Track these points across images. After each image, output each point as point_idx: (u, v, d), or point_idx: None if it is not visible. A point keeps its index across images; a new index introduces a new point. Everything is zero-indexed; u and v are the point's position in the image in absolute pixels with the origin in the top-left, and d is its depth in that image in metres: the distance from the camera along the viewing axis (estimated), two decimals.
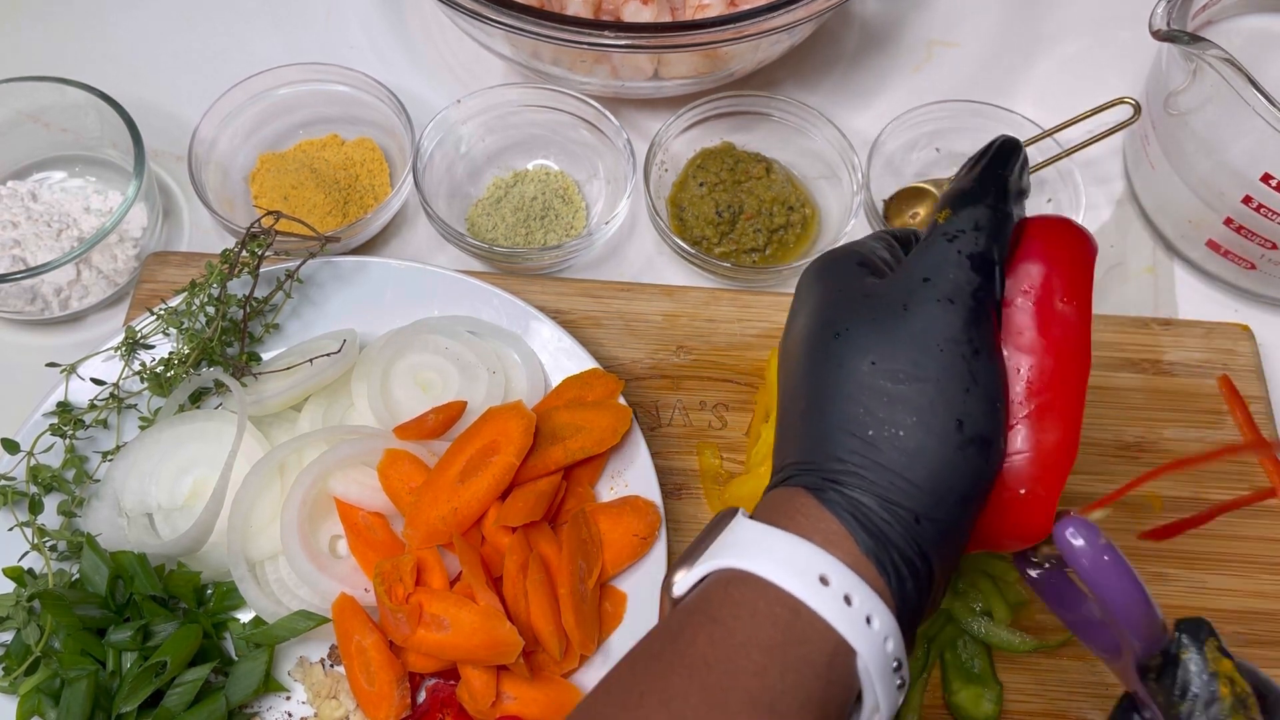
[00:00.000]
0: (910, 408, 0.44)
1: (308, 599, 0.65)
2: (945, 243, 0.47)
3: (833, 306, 0.48)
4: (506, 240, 0.81)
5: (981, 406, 0.44)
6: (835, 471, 0.44)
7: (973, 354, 0.45)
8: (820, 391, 0.46)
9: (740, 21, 0.74)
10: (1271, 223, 0.73)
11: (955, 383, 0.44)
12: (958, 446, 0.44)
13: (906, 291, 0.46)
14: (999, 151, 0.50)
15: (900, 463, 0.44)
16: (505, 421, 0.65)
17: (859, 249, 0.51)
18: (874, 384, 0.45)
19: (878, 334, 0.45)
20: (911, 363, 0.44)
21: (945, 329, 0.45)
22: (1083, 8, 0.97)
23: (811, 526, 0.44)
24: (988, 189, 0.48)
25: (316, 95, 0.85)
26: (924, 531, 0.44)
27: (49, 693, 0.61)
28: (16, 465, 0.67)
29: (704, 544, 0.45)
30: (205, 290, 0.71)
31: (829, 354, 0.46)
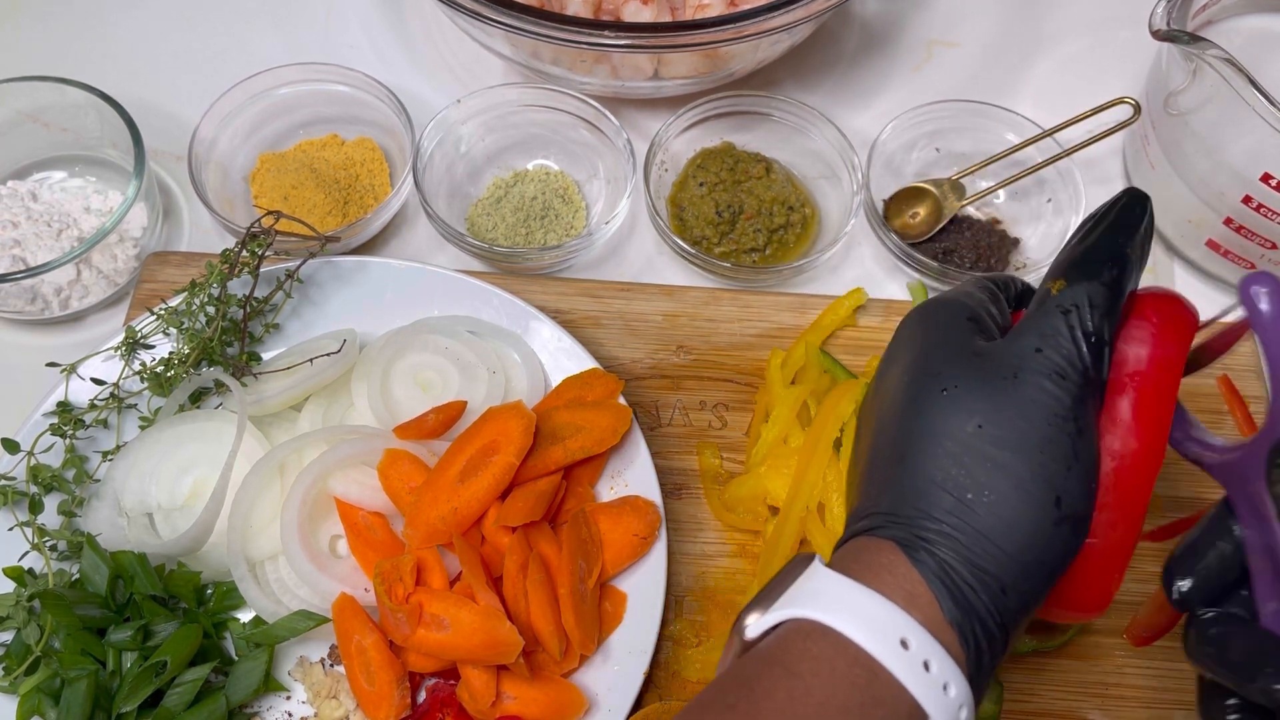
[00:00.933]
0: (1012, 476, 0.44)
1: (308, 599, 0.65)
2: (1060, 315, 0.46)
3: (941, 360, 0.47)
4: (506, 240, 0.81)
5: (1080, 486, 0.45)
6: (927, 529, 0.44)
7: (1077, 433, 0.45)
8: (920, 444, 0.46)
9: (740, 21, 0.74)
10: (1271, 222, 0.73)
11: (1059, 458, 0.44)
12: (1054, 522, 0.44)
13: (1018, 359, 0.46)
14: (1123, 215, 0.48)
15: (996, 530, 0.43)
16: (505, 421, 0.65)
17: (968, 302, 0.50)
18: (978, 446, 0.44)
19: (986, 397, 0.45)
20: (1018, 432, 0.44)
21: (1055, 404, 0.45)
22: (1083, 8, 0.97)
23: (896, 585, 0.43)
24: (1107, 262, 0.47)
25: (316, 95, 0.85)
26: (1008, 602, 0.44)
27: (49, 692, 0.61)
28: (17, 465, 0.67)
29: (779, 587, 0.45)
30: (205, 290, 0.71)
31: (933, 407, 0.46)
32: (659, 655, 0.66)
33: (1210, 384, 0.75)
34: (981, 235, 0.81)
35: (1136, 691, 0.66)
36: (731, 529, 0.70)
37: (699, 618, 0.67)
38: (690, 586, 0.68)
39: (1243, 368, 0.76)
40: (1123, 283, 0.47)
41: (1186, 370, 0.50)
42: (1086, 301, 0.46)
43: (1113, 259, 0.47)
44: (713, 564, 0.69)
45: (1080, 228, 0.50)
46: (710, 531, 0.70)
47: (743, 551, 0.69)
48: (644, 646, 0.63)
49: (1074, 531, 0.45)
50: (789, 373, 0.74)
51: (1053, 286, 0.47)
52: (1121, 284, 0.46)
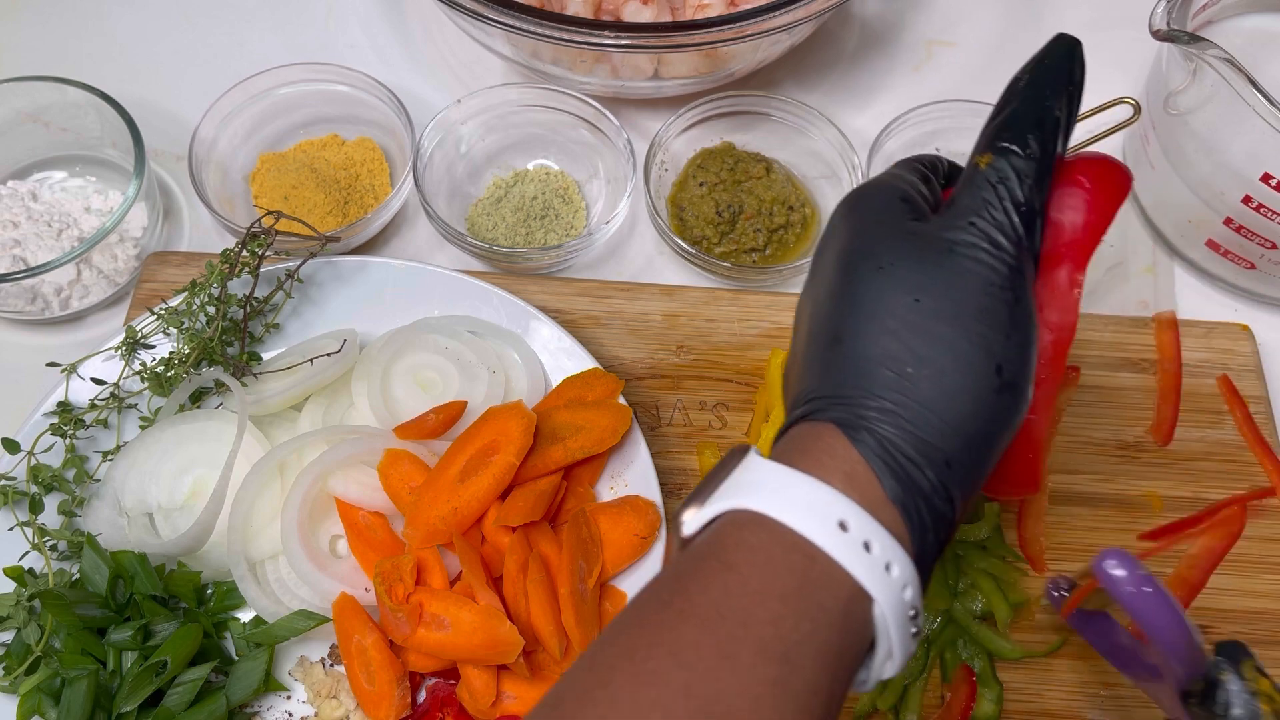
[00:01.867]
0: (951, 347, 0.43)
1: (308, 598, 0.65)
2: (989, 188, 0.46)
3: (875, 239, 0.47)
4: (507, 240, 0.81)
5: (1019, 353, 0.44)
6: (868, 407, 0.43)
7: (1015, 301, 0.44)
8: (859, 323, 0.45)
9: (740, 21, 0.74)
10: (1271, 222, 0.73)
11: (997, 327, 0.44)
12: (995, 390, 0.43)
13: (952, 233, 0.45)
14: (1046, 71, 0.48)
15: (938, 401, 0.43)
16: (505, 421, 0.65)
17: (898, 184, 0.50)
18: (916, 320, 0.44)
19: (922, 271, 0.45)
20: (955, 303, 0.44)
21: (990, 274, 0.44)
22: (1083, 8, 0.97)
23: (834, 466, 0.42)
24: (1033, 128, 0.47)
25: (317, 95, 0.85)
26: (953, 475, 0.43)
27: (49, 692, 0.61)
28: (17, 465, 0.67)
29: (715, 482, 0.44)
30: (205, 290, 0.71)
31: (869, 285, 0.45)
32: None
33: (1210, 384, 0.75)
34: None
35: (1137, 691, 0.66)
36: None
37: None
38: None
39: (1242, 367, 0.76)
40: (1049, 148, 0.46)
41: None
42: (1013, 174, 0.46)
43: (1039, 123, 0.47)
44: None
45: (1009, 86, 0.49)
46: None
47: None
48: None
49: (1015, 399, 0.44)
50: None
51: (980, 160, 0.47)
52: (1049, 149, 0.46)
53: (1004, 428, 0.44)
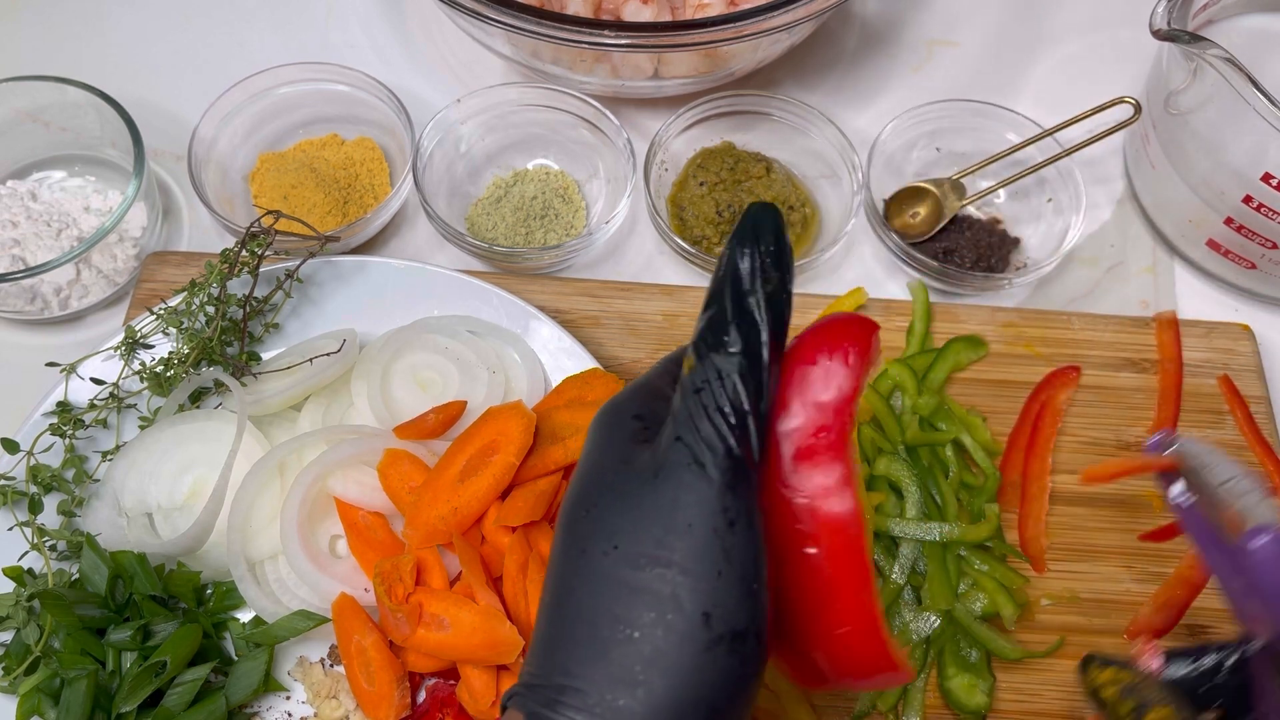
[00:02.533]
0: (649, 601, 0.37)
1: (307, 599, 0.65)
2: (693, 395, 0.39)
3: (593, 476, 0.41)
4: (506, 240, 0.81)
5: (734, 592, 0.37)
6: (559, 689, 0.37)
7: (727, 526, 0.37)
8: (561, 584, 0.39)
9: (740, 21, 0.74)
10: (1272, 222, 0.73)
11: (704, 566, 0.37)
12: (706, 646, 0.36)
13: (660, 456, 0.39)
14: (734, 264, 0.40)
15: (631, 674, 0.36)
16: (505, 421, 0.65)
17: (640, 395, 0.43)
18: (612, 572, 0.37)
19: (624, 511, 0.38)
20: (655, 543, 0.37)
21: (696, 498, 0.37)
22: (1083, 8, 0.97)
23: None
24: (730, 324, 0.39)
25: (316, 94, 0.85)
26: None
27: (49, 692, 0.61)
28: (16, 465, 0.67)
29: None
30: (205, 290, 0.71)
31: (575, 536, 0.39)
32: None
33: (1211, 384, 0.75)
34: (982, 235, 0.81)
35: None
36: None
37: None
38: None
39: (1242, 367, 0.76)
40: (754, 340, 0.39)
41: None
42: (716, 374, 0.38)
43: (737, 318, 0.39)
44: None
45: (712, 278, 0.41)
46: None
47: None
48: None
49: (733, 652, 0.37)
50: None
51: (685, 364, 0.40)
52: (753, 343, 0.39)
53: (725, 686, 0.37)
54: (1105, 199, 0.86)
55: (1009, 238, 0.82)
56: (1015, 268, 0.81)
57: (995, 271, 0.80)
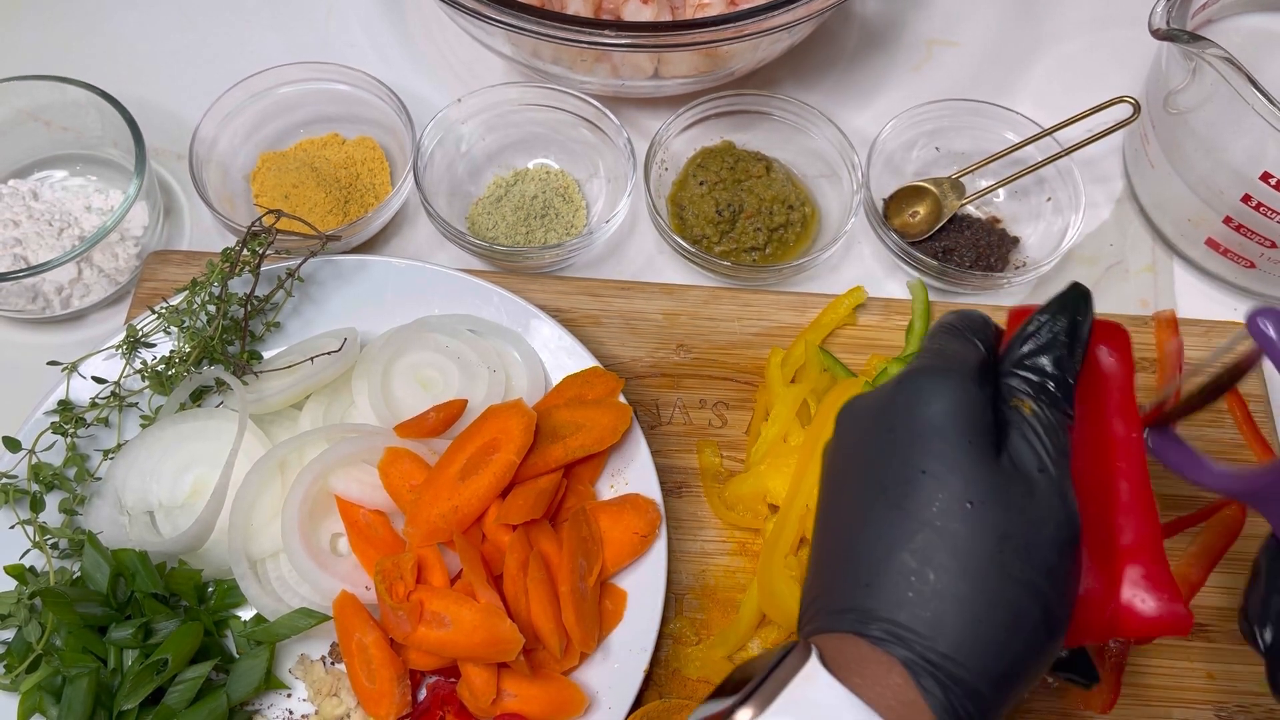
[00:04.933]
0: (1017, 604, 0.44)
1: (309, 597, 0.65)
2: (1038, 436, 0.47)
3: (962, 468, 0.46)
4: (507, 239, 0.81)
5: (1068, 607, 0.46)
6: (936, 652, 0.43)
7: (1075, 556, 0.46)
8: (938, 556, 0.44)
9: (740, 20, 0.74)
10: (1271, 221, 0.73)
11: (1057, 586, 0.45)
12: (1044, 643, 0.45)
13: (1029, 477, 0.46)
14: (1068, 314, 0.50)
15: (1002, 664, 0.43)
16: (506, 420, 0.65)
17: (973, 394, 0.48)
18: (994, 571, 0.44)
19: (1007, 519, 0.45)
20: (1029, 558, 0.44)
21: (1064, 530, 0.45)
22: (1083, 8, 0.97)
23: (900, 713, 0.42)
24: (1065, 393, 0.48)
25: (317, 94, 0.85)
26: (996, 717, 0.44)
27: (50, 690, 0.61)
28: (18, 463, 0.67)
29: (774, 686, 0.43)
30: (206, 289, 0.71)
31: (954, 520, 0.45)
32: (659, 653, 0.66)
33: None
34: (981, 234, 0.81)
35: (1136, 691, 0.66)
36: (732, 527, 0.70)
37: (699, 615, 0.67)
38: (690, 584, 0.68)
39: None
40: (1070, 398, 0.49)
41: (1203, 402, 0.52)
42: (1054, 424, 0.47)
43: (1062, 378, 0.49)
44: (713, 562, 0.69)
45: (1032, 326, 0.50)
46: (710, 529, 0.70)
47: (743, 550, 0.69)
48: (644, 644, 0.63)
49: (1055, 641, 0.45)
50: (789, 371, 0.74)
51: (1023, 406, 0.48)
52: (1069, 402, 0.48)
53: (1041, 673, 0.46)
54: (1104, 198, 0.87)
55: (1008, 237, 0.82)
56: (1014, 267, 0.81)
57: (994, 270, 0.80)
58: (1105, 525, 0.48)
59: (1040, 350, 0.49)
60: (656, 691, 0.65)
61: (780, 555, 0.65)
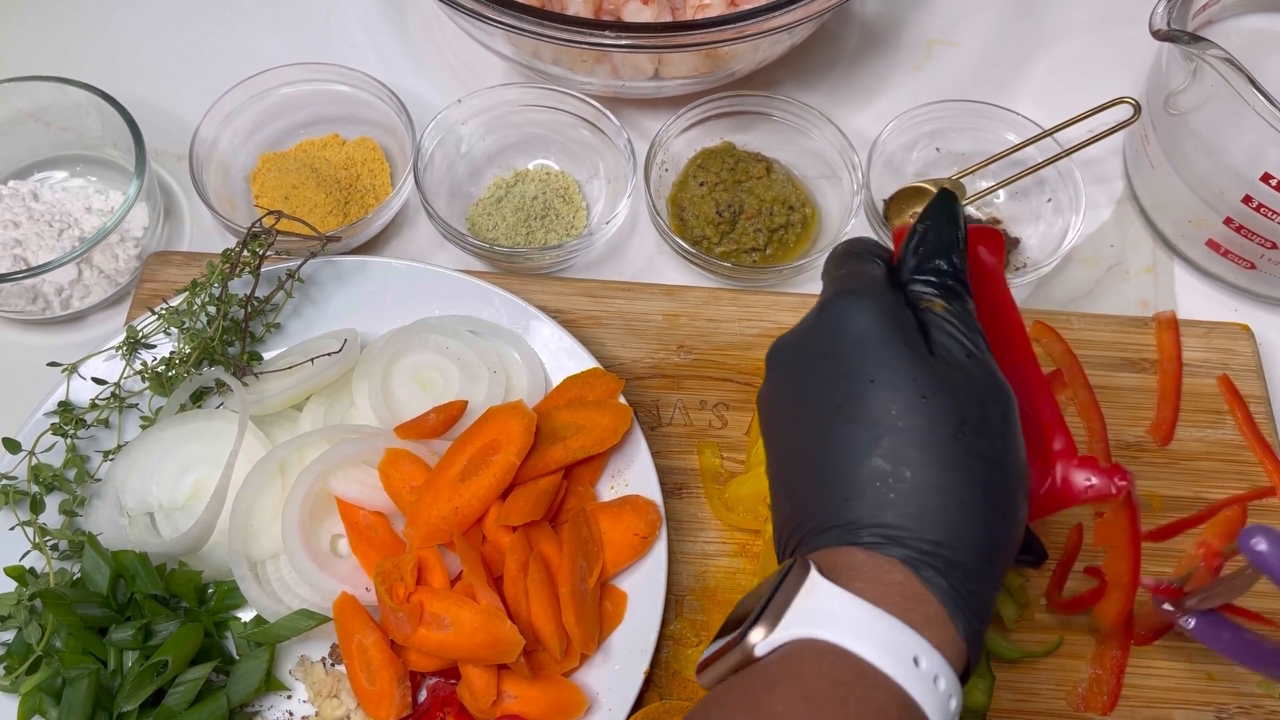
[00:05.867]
0: (988, 480, 0.46)
1: (309, 598, 0.65)
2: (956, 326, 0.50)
3: (909, 365, 0.47)
4: (507, 240, 0.81)
5: (1021, 464, 0.48)
6: (931, 543, 0.44)
7: (1016, 420, 0.48)
8: (908, 452, 0.46)
9: (740, 21, 0.74)
10: (1271, 222, 0.73)
11: (1017, 451, 0.48)
12: (1019, 507, 0.47)
13: (963, 363, 0.48)
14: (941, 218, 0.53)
15: (990, 537, 0.45)
16: (506, 421, 0.65)
17: (893, 298, 0.51)
18: (962, 453, 0.45)
19: (958, 404, 0.46)
20: (989, 435, 0.47)
21: (1004, 402, 0.48)
22: (1083, 8, 0.97)
23: (907, 606, 0.44)
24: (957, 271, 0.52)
25: (317, 95, 0.85)
26: (997, 590, 0.46)
27: (50, 692, 0.61)
28: (18, 464, 0.67)
29: (781, 602, 0.44)
30: (206, 290, 0.71)
31: (918, 415, 0.46)
32: (659, 654, 0.66)
33: (1210, 384, 0.75)
34: None
35: (1137, 691, 0.66)
36: (732, 528, 0.70)
37: (700, 617, 0.67)
38: (691, 586, 0.68)
39: (1242, 367, 0.76)
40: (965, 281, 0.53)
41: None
42: (965, 311, 0.51)
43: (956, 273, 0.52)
44: (713, 563, 0.69)
45: (915, 238, 0.53)
46: (711, 531, 0.70)
47: (743, 551, 0.69)
48: (644, 646, 0.63)
49: (1024, 505, 0.48)
50: None
51: (936, 305, 0.51)
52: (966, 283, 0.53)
53: (1017, 538, 0.48)
54: (1105, 199, 0.86)
55: (1009, 237, 0.82)
56: (1015, 268, 0.81)
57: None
58: (1023, 396, 0.51)
59: (931, 254, 0.52)
60: (657, 693, 0.65)
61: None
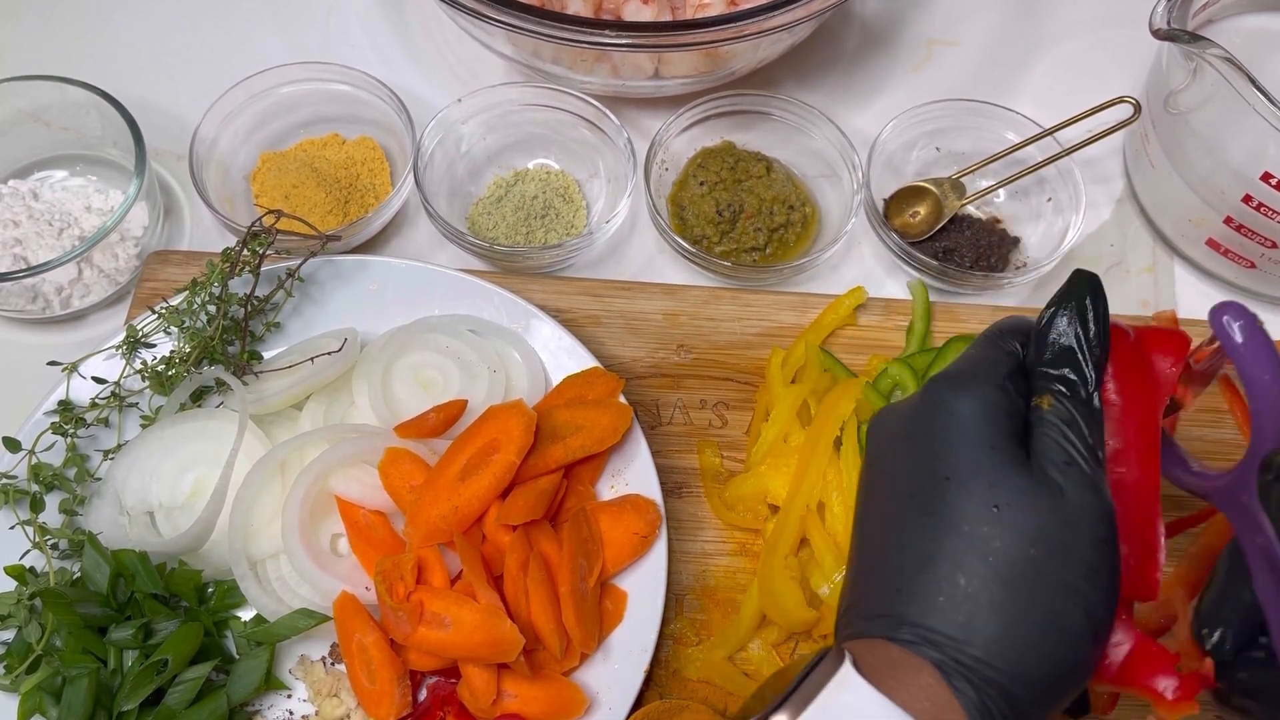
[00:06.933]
0: (1056, 608, 0.43)
1: (309, 597, 0.65)
2: (1062, 433, 0.47)
3: (987, 470, 0.45)
4: (507, 239, 0.81)
5: (1110, 608, 0.45)
6: (969, 655, 0.43)
7: (1114, 555, 0.45)
8: (966, 559, 0.44)
9: (740, 20, 0.74)
10: (1271, 221, 0.73)
11: (1099, 587, 0.44)
12: (1089, 650, 0.44)
13: (1056, 479, 0.45)
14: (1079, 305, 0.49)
15: (1036, 662, 0.43)
16: (506, 420, 0.65)
17: (1000, 394, 0.47)
18: (1029, 573, 0.43)
19: (1037, 522, 0.44)
20: (1065, 560, 0.43)
21: (1099, 528, 0.45)
22: (1083, 7, 0.97)
23: (932, 714, 0.42)
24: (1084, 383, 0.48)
25: (317, 94, 0.85)
26: (1036, 717, 0.44)
27: (50, 691, 0.61)
28: (18, 464, 0.67)
29: (810, 691, 0.43)
30: (206, 289, 0.71)
31: (983, 522, 0.44)
32: (659, 653, 0.66)
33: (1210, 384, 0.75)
34: (981, 234, 0.81)
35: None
36: (732, 527, 0.70)
37: (699, 616, 0.67)
38: (691, 585, 0.68)
39: None
40: (1096, 389, 0.48)
41: (1168, 411, 0.50)
42: (1079, 420, 0.47)
43: (1077, 368, 0.48)
44: (713, 562, 0.69)
45: (1045, 323, 0.49)
46: (711, 530, 0.70)
47: (743, 550, 0.69)
48: (644, 645, 0.63)
49: (1101, 652, 0.45)
50: (789, 371, 0.74)
51: (1043, 403, 0.47)
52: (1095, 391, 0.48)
53: (1087, 678, 0.45)
54: (1105, 198, 0.86)
55: (1009, 237, 0.82)
56: (1015, 267, 0.81)
57: (995, 271, 0.80)
58: (1141, 532, 0.47)
59: (1052, 343, 0.49)
60: (657, 692, 0.65)
61: (780, 556, 0.65)
